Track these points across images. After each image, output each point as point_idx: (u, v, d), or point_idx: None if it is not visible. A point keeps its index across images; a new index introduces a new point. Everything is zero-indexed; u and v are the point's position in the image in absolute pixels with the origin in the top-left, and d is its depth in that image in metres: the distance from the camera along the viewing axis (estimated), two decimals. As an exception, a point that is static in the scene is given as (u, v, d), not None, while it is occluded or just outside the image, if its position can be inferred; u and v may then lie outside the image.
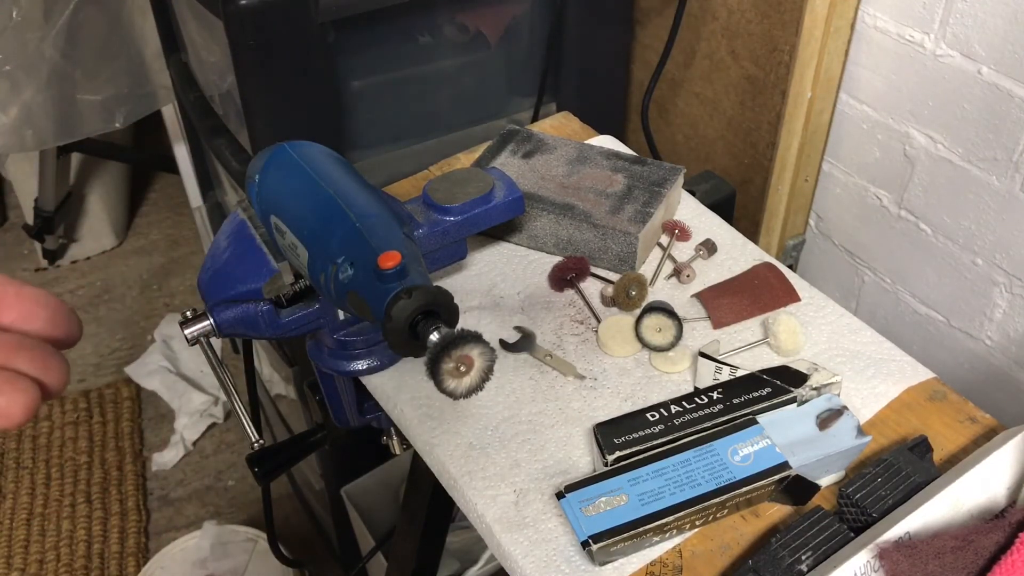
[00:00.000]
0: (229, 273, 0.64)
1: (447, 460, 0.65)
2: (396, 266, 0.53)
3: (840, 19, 1.01)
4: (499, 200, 0.69)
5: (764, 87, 1.08)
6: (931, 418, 0.66)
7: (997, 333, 1.01)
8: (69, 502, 1.73)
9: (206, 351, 0.65)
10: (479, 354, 0.49)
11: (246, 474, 1.77)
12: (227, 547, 1.49)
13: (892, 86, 1.02)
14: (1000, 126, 0.92)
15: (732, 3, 1.08)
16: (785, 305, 0.75)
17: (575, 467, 0.64)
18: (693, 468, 0.59)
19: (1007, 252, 0.96)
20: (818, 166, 1.14)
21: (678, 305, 0.74)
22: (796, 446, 0.60)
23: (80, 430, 1.85)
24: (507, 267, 0.80)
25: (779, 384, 0.64)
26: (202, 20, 1.11)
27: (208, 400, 1.87)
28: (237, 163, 1.11)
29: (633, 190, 0.81)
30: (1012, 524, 0.55)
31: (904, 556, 0.52)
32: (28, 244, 2.28)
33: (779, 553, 0.54)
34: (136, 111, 1.65)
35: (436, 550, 0.95)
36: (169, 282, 2.20)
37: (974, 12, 0.90)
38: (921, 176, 1.02)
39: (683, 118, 1.25)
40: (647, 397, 0.68)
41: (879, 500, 0.57)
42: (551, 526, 0.60)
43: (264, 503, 1.08)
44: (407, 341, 0.50)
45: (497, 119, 1.21)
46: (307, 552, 1.62)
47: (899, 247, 1.09)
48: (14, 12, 1.52)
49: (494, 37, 1.15)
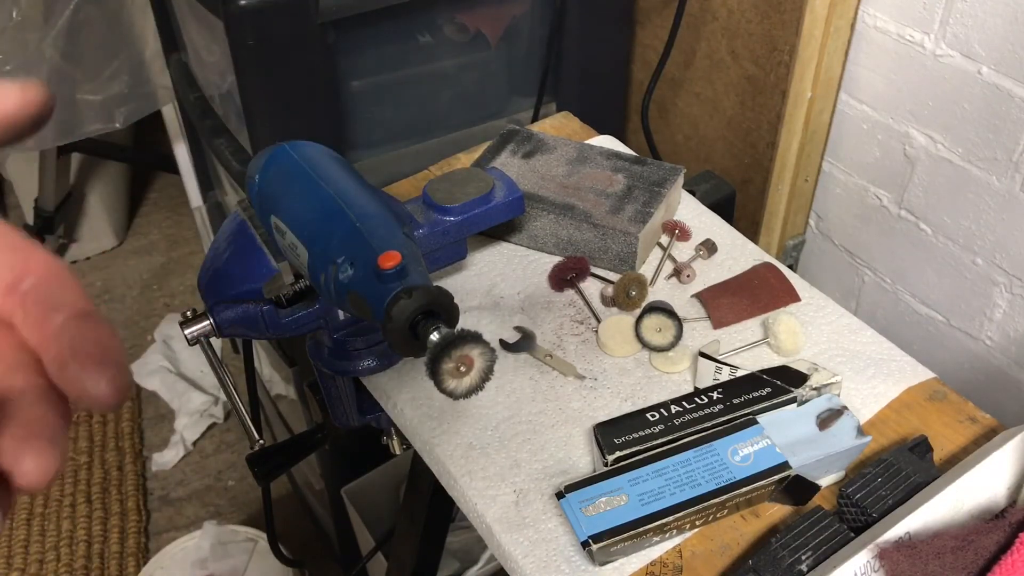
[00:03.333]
0: (229, 273, 0.64)
1: (447, 460, 0.65)
2: (396, 266, 0.53)
3: (840, 19, 1.01)
4: (499, 200, 0.69)
5: (764, 87, 1.08)
6: (931, 418, 0.66)
7: (997, 333, 1.01)
8: (69, 502, 1.73)
9: (206, 351, 0.65)
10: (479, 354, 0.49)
11: (246, 474, 1.76)
12: (227, 547, 1.49)
13: (892, 86, 1.02)
14: (1000, 126, 0.92)
15: (732, 3, 1.08)
16: (785, 305, 0.75)
17: (575, 467, 0.64)
18: (693, 468, 0.59)
19: (1007, 252, 0.96)
20: (818, 166, 1.14)
21: (678, 305, 0.74)
22: (796, 446, 0.60)
23: (80, 430, 1.85)
24: (507, 267, 0.80)
25: (779, 384, 0.64)
26: (202, 20, 1.11)
27: (208, 400, 1.87)
28: (237, 163, 1.11)
29: (633, 190, 0.81)
30: (1012, 524, 0.55)
31: (904, 556, 0.52)
32: (28, 244, 2.28)
33: (779, 553, 0.54)
34: (136, 111, 1.65)
35: (436, 550, 0.95)
36: (169, 282, 2.20)
37: (974, 12, 0.90)
38: (921, 176, 1.02)
39: (683, 118, 1.25)
40: (647, 397, 0.68)
41: (879, 500, 0.57)
42: (551, 526, 0.60)
43: (264, 503, 1.08)
44: (407, 341, 0.50)
45: (497, 119, 1.21)
46: (307, 552, 1.62)
47: (899, 247, 1.09)
48: (14, 12, 1.52)
49: (494, 37, 1.15)
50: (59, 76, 1.57)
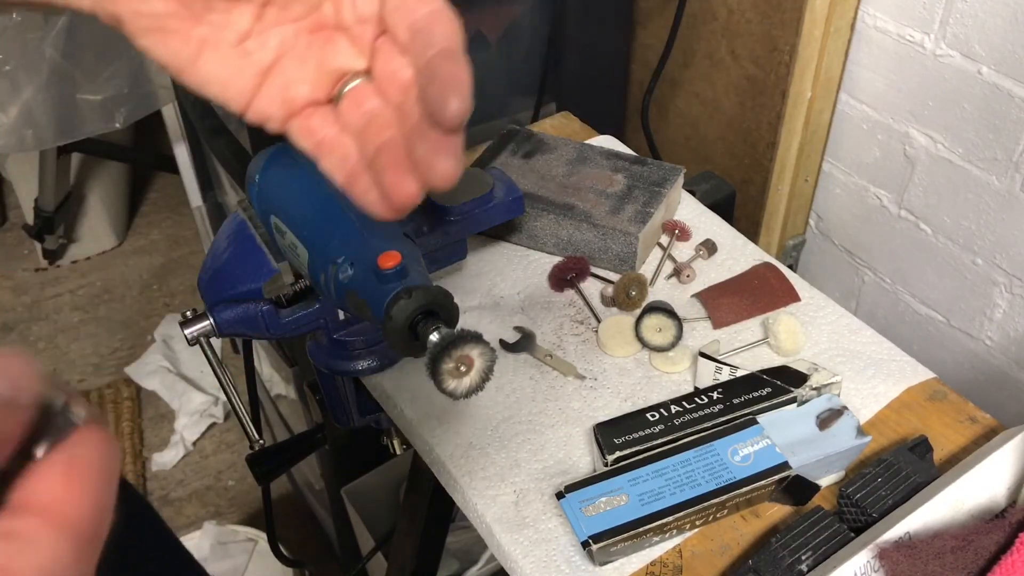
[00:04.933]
0: (229, 273, 0.64)
1: (447, 460, 0.65)
2: (396, 266, 0.53)
3: (840, 19, 1.01)
4: (499, 200, 0.69)
5: (764, 87, 1.08)
6: (931, 418, 0.66)
7: (997, 333, 1.01)
8: (69, 502, 1.72)
9: (206, 351, 0.65)
10: (479, 354, 0.49)
11: (246, 474, 1.76)
12: (227, 547, 1.49)
13: (892, 86, 1.02)
14: (1000, 126, 0.92)
15: (732, 3, 1.08)
16: (785, 305, 0.75)
17: (575, 467, 0.64)
18: (693, 468, 0.59)
19: (1007, 252, 0.96)
20: (818, 166, 1.14)
21: (678, 305, 0.74)
22: (796, 446, 0.60)
23: (80, 430, 1.85)
24: (507, 267, 0.80)
25: (779, 384, 0.64)
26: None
27: (208, 400, 1.87)
28: (237, 163, 1.11)
29: (633, 190, 0.81)
30: (1012, 524, 0.55)
31: (904, 556, 0.52)
32: (28, 244, 2.28)
33: (779, 553, 0.54)
34: (136, 111, 1.65)
35: (436, 550, 0.95)
36: (169, 282, 2.20)
37: (974, 12, 0.90)
38: (921, 176, 1.02)
39: (683, 118, 1.25)
40: (647, 397, 0.68)
41: (879, 500, 0.57)
42: (551, 526, 0.60)
43: (264, 503, 1.08)
44: (407, 341, 0.50)
45: (497, 119, 1.21)
46: (307, 552, 1.62)
47: (899, 247, 1.09)
48: (14, 12, 1.51)
49: (494, 37, 1.15)
50: (59, 76, 1.57)
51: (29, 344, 2.05)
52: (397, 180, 0.38)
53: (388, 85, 0.39)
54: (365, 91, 0.40)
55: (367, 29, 0.40)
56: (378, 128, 0.39)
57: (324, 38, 0.40)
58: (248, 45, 0.39)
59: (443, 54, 0.37)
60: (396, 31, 0.39)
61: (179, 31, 0.38)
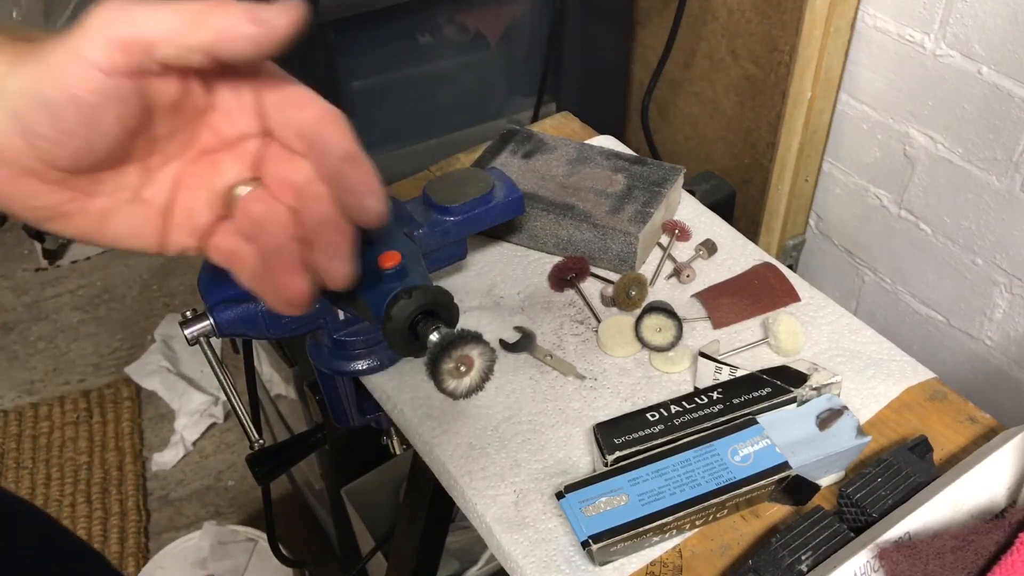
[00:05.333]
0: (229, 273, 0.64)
1: (447, 460, 0.65)
2: (396, 266, 0.53)
3: (840, 19, 1.01)
4: (499, 200, 0.69)
5: (764, 87, 1.08)
6: (931, 418, 0.66)
7: (997, 333, 1.01)
8: (69, 502, 1.73)
9: (206, 351, 0.65)
10: (479, 354, 0.49)
11: (246, 474, 1.76)
12: (227, 547, 1.49)
13: (892, 86, 1.02)
14: (1000, 126, 0.92)
15: (732, 3, 1.08)
16: (785, 305, 0.75)
17: (575, 467, 0.64)
18: (693, 468, 0.59)
19: (1007, 252, 0.96)
20: (818, 166, 1.14)
21: (678, 305, 0.74)
22: (796, 446, 0.60)
23: (80, 430, 1.85)
24: (507, 267, 0.80)
25: (779, 384, 0.64)
26: (202, 20, 1.11)
27: (208, 400, 1.87)
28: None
29: (633, 190, 0.81)
30: (1012, 524, 0.55)
31: (904, 556, 0.53)
32: (28, 244, 2.28)
33: (779, 553, 0.54)
34: (136, 111, 1.65)
35: (436, 550, 0.95)
36: (169, 282, 2.20)
37: (974, 12, 0.90)
38: (921, 176, 1.02)
39: (683, 118, 1.25)
40: (647, 397, 0.68)
41: (879, 500, 0.57)
42: (551, 526, 0.60)
43: (264, 503, 1.08)
44: (407, 341, 0.50)
45: (497, 119, 1.21)
46: (307, 552, 1.62)
47: (899, 247, 1.09)
48: (14, 12, 1.52)
49: (494, 37, 1.15)
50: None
51: (29, 344, 2.05)
52: (287, 281, 0.41)
53: (280, 190, 0.41)
54: (255, 198, 0.41)
55: (250, 144, 0.42)
56: (270, 231, 0.41)
57: (210, 162, 0.42)
58: (144, 194, 0.41)
59: (344, 160, 0.39)
60: (286, 140, 0.40)
61: (78, 211, 0.40)
